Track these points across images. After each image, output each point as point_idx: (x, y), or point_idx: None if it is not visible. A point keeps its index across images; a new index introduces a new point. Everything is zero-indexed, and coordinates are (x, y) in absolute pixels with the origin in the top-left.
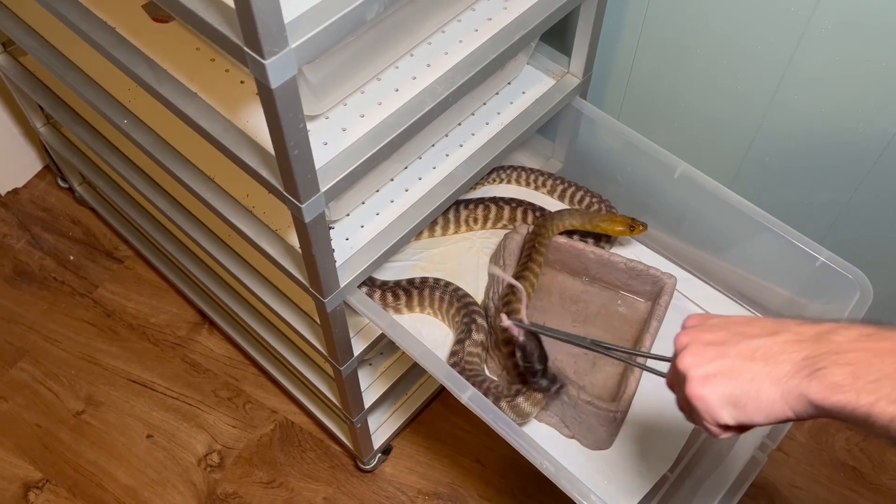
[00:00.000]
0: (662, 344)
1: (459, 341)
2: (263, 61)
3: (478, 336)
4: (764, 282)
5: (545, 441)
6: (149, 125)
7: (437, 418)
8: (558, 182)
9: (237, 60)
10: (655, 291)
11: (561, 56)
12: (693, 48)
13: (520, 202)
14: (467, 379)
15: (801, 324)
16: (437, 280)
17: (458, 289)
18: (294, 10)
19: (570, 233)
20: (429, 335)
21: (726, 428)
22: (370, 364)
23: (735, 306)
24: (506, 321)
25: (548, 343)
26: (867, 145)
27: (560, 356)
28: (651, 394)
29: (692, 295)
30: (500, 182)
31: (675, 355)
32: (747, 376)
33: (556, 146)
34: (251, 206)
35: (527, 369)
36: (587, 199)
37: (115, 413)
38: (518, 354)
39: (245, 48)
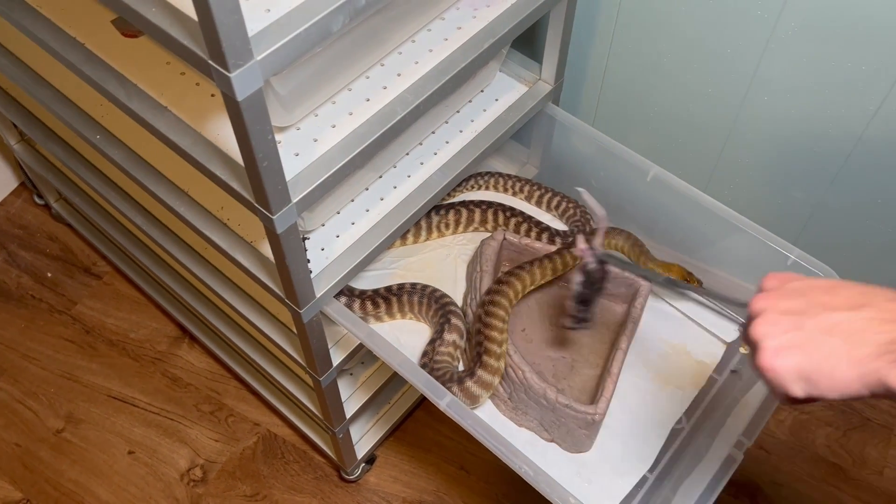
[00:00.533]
0: (638, 346)
1: (431, 342)
2: (229, 74)
3: (450, 336)
4: (738, 281)
5: (525, 445)
6: (122, 140)
7: (420, 426)
8: (535, 188)
9: (203, 74)
10: (631, 294)
11: (532, 63)
12: (664, 53)
13: (490, 203)
14: (436, 378)
15: (891, 299)
16: (413, 284)
17: (435, 290)
18: (259, 22)
19: (551, 237)
20: (408, 342)
21: (795, 400)
22: (351, 374)
23: (709, 307)
24: (581, 244)
25: (528, 349)
26: (837, 145)
27: (538, 360)
28: (629, 395)
29: (668, 297)
30: (478, 188)
31: (750, 319)
32: (823, 352)
33: (531, 152)
34: (225, 219)
35: (579, 296)
36: (563, 205)
37: (96, 430)
38: (579, 279)
39: (210, 62)
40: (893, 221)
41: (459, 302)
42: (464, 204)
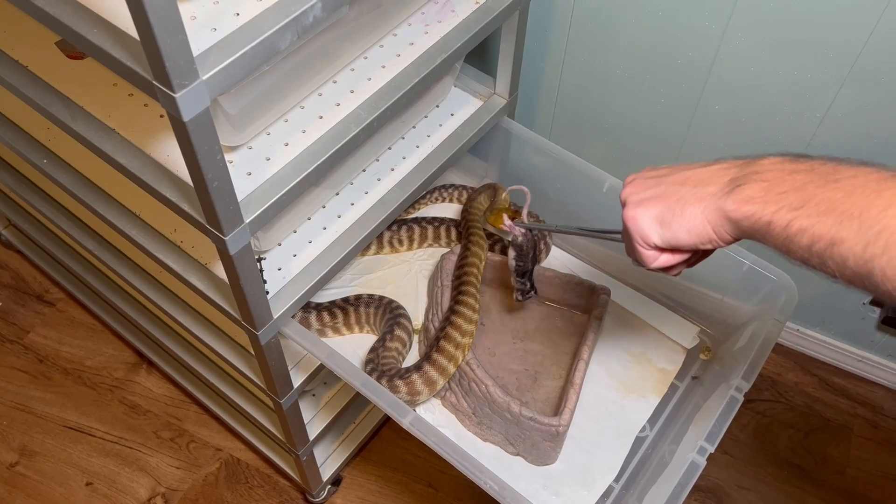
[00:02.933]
0: (600, 355)
1: (373, 349)
2: (174, 95)
3: (392, 344)
4: (695, 287)
5: (490, 460)
6: (70, 164)
7: (387, 445)
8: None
9: (149, 95)
10: (591, 303)
11: (487, 77)
12: (617, 65)
13: (442, 220)
14: (380, 376)
15: (738, 158)
16: (370, 295)
17: (391, 301)
18: (205, 41)
19: (503, 249)
20: None
21: (657, 249)
22: (313, 394)
23: (668, 313)
24: (507, 221)
25: (491, 363)
26: (786, 151)
27: (501, 374)
28: (592, 405)
29: (628, 305)
30: (442, 201)
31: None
32: (675, 197)
33: (489, 166)
34: (178, 241)
35: (518, 269)
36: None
37: (52, 462)
38: (513, 254)
39: (154, 82)
40: None
41: (420, 317)
42: (416, 220)
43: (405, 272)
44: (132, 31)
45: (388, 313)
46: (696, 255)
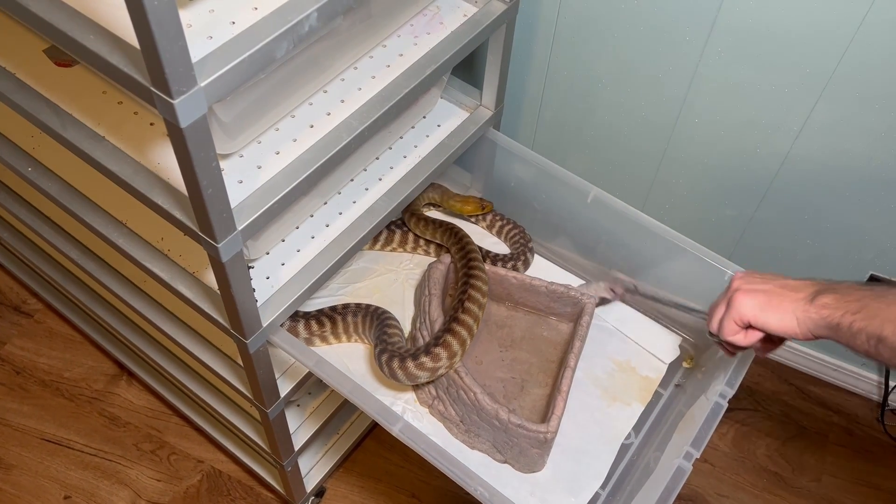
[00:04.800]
0: (585, 363)
1: (378, 341)
2: (172, 101)
3: (392, 332)
4: (681, 300)
5: (478, 468)
6: (55, 172)
7: (370, 456)
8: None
9: (145, 102)
10: (576, 312)
11: (473, 89)
12: (599, 78)
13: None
14: (383, 343)
15: (827, 280)
16: (357, 304)
17: (378, 308)
18: (202, 48)
19: (493, 260)
20: (357, 369)
21: (742, 328)
22: (298, 405)
23: (651, 323)
24: (611, 293)
25: (478, 371)
26: (765, 164)
27: (489, 382)
28: (578, 413)
29: (611, 316)
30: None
31: (728, 289)
32: (776, 294)
33: (474, 177)
34: (166, 250)
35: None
36: (505, 225)
37: (29, 475)
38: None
39: (152, 89)
40: (820, 235)
41: (407, 326)
42: (396, 224)
43: (392, 281)
44: (130, 37)
45: (375, 320)
46: (765, 342)
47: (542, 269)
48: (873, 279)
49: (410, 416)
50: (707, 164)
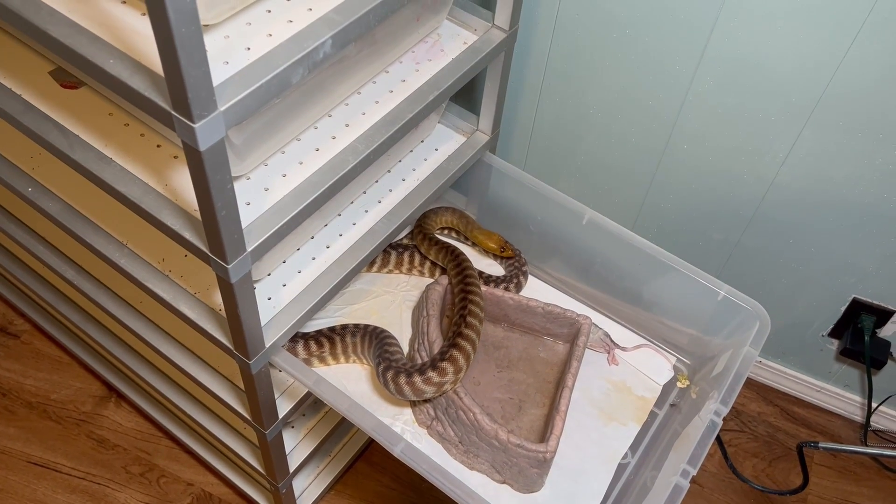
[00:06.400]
0: (582, 384)
1: (380, 358)
2: (193, 125)
3: (392, 350)
4: (671, 319)
5: (477, 488)
6: (55, 193)
7: (362, 478)
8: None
9: (163, 125)
10: (573, 333)
11: (470, 115)
12: (590, 105)
13: (405, 246)
14: (386, 361)
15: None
16: (356, 324)
17: (376, 328)
18: (219, 73)
19: (486, 281)
20: (356, 390)
21: None
22: (292, 426)
23: (646, 344)
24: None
25: (476, 392)
26: (751, 190)
27: (487, 402)
28: (575, 433)
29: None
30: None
31: None
32: None
33: (469, 200)
34: (167, 271)
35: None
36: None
37: (15, 499)
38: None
39: (173, 112)
40: (805, 259)
41: (405, 348)
42: (392, 246)
43: (389, 302)
44: (148, 61)
45: (374, 340)
46: None
47: (536, 291)
48: (856, 303)
49: (409, 436)
50: (695, 189)
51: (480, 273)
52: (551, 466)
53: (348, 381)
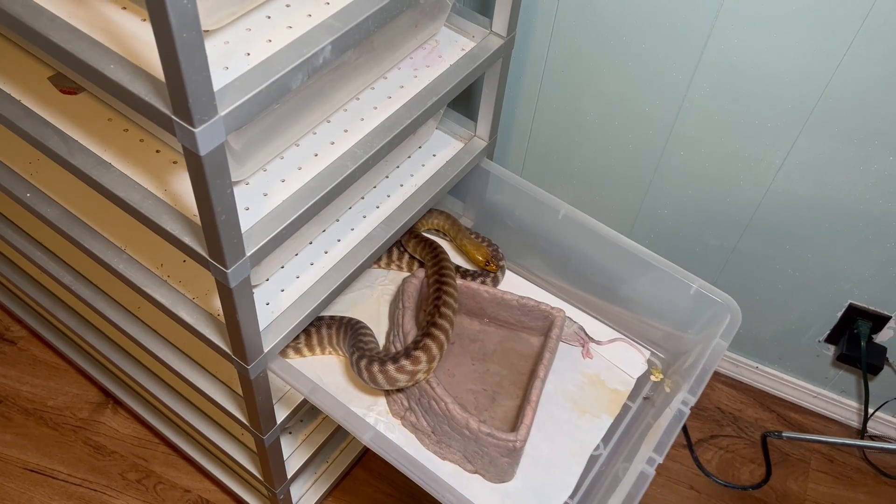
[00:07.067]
0: (556, 377)
1: (353, 347)
2: (193, 129)
3: (367, 339)
4: (645, 313)
5: (449, 478)
6: (54, 198)
7: (359, 484)
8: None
9: (163, 129)
10: (546, 326)
11: (467, 121)
12: (587, 111)
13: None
14: (360, 350)
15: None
16: (332, 316)
17: (351, 319)
18: (219, 78)
19: (464, 274)
20: (331, 381)
21: None
22: (290, 432)
23: (620, 338)
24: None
25: (451, 384)
26: (748, 196)
27: (460, 393)
28: (549, 425)
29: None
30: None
31: None
32: None
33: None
34: (166, 276)
35: None
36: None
37: None
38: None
39: (174, 117)
40: (800, 265)
41: (382, 341)
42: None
43: (367, 296)
44: (149, 66)
45: (349, 330)
46: None
47: (513, 286)
48: (852, 309)
49: (383, 427)
50: (691, 195)
51: (458, 267)
52: (523, 458)
53: (324, 373)
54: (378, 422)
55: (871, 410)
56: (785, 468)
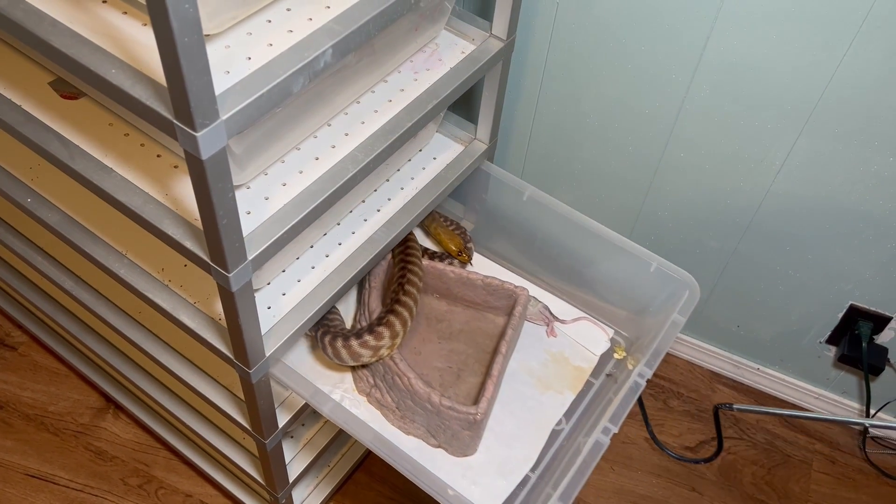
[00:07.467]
0: (521, 355)
1: (317, 324)
2: (195, 133)
3: (334, 316)
4: (608, 292)
5: (413, 452)
6: (55, 203)
7: (361, 488)
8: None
9: (165, 134)
10: (511, 305)
11: (468, 123)
12: (587, 113)
13: None
14: (325, 327)
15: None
16: None
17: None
18: (221, 82)
19: (431, 256)
20: (296, 359)
21: None
22: (291, 437)
23: (585, 317)
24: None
25: (417, 362)
26: (748, 198)
27: (427, 371)
28: (512, 402)
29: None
30: None
31: None
32: None
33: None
34: (167, 281)
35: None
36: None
37: None
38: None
39: (175, 121)
40: (801, 266)
41: (349, 321)
42: None
43: None
44: (150, 70)
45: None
46: None
47: (480, 268)
48: (853, 310)
49: (349, 403)
50: (692, 196)
51: (426, 250)
52: (486, 432)
53: (292, 352)
54: (344, 399)
55: (872, 411)
56: (787, 469)
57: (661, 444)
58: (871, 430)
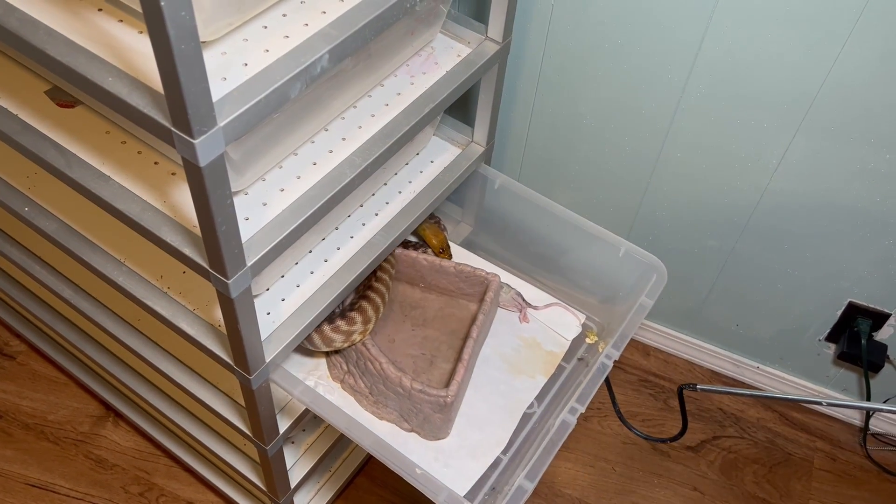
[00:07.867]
0: (494, 341)
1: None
2: (193, 141)
3: None
4: (579, 277)
5: (386, 437)
6: (52, 212)
7: (362, 493)
8: None
9: (162, 141)
10: (483, 291)
11: (464, 126)
12: (584, 114)
13: None
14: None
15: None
16: None
17: None
18: (218, 89)
19: (405, 245)
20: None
21: None
22: (293, 442)
23: (557, 302)
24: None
25: (390, 349)
26: (745, 197)
27: (400, 357)
28: (485, 386)
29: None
30: None
31: None
32: None
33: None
34: (166, 288)
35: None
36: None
37: None
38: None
39: (173, 129)
40: (799, 264)
41: None
42: None
43: None
44: (147, 78)
45: None
46: None
47: (456, 257)
48: (852, 307)
49: (322, 389)
50: (689, 196)
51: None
52: (459, 416)
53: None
54: (318, 385)
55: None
56: (788, 468)
57: (625, 420)
58: (869, 429)
